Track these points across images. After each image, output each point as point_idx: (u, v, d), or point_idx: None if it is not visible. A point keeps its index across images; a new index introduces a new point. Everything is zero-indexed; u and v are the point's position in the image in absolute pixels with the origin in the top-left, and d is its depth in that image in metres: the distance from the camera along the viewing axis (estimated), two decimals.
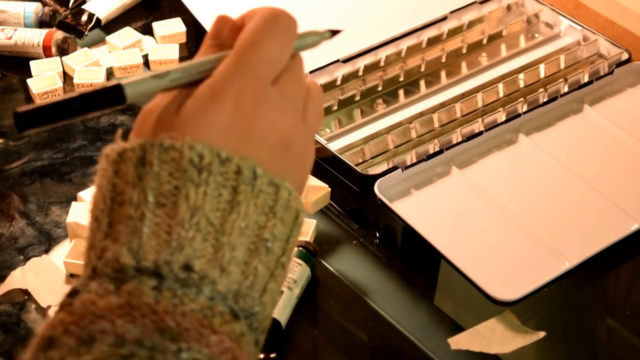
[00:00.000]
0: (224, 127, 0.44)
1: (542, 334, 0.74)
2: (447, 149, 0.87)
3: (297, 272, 0.77)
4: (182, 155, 0.43)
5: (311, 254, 0.79)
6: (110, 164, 0.44)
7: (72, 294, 0.42)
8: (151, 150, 0.43)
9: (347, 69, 0.98)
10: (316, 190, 0.84)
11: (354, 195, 0.86)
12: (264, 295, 0.44)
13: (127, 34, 1.05)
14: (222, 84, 0.45)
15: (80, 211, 0.81)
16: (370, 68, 0.98)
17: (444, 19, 1.04)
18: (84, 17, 1.07)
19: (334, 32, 0.55)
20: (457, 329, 0.75)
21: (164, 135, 0.44)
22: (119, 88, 0.45)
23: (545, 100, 0.93)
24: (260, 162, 0.44)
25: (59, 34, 1.03)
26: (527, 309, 0.76)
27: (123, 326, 0.40)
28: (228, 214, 0.43)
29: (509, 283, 0.76)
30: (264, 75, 0.46)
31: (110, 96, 0.45)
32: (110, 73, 1.01)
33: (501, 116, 0.91)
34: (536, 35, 1.04)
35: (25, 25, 1.06)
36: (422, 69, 0.98)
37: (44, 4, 1.09)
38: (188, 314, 0.41)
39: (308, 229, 0.82)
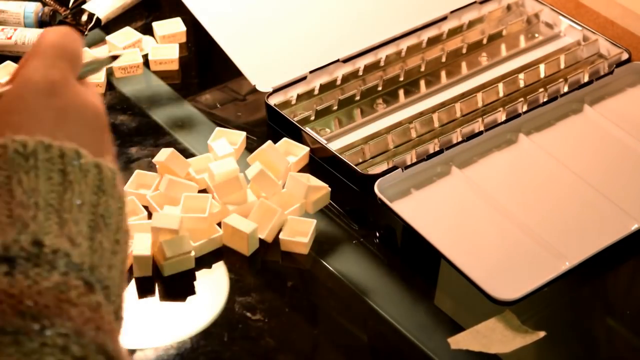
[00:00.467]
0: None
1: (542, 334, 0.74)
2: (447, 148, 0.87)
3: None
4: (7, 147, 0.45)
5: None
6: None
7: None
8: None
9: (347, 68, 0.98)
10: (316, 190, 0.84)
11: (354, 195, 0.86)
12: (111, 270, 0.46)
13: (127, 34, 1.05)
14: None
15: None
16: (370, 68, 0.98)
17: (444, 19, 1.04)
18: (84, 17, 1.07)
19: (114, 58, 0.59)
20: (457, 329, 0.75)
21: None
22: None
23: (545, 100, 0.93)
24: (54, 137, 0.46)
25: None
26: (527, 309, 0.76)
27: None
28: (63, 193, 0.45)
29: (509, 283, 0.76)
30: (33, 84, 0.49)
31: None
32: (110, 73, 1.01)
33: (501, 116, 0.91)
34: (536, 35, 1.04)
35: (25, 25, 1.06)
36: (422, 69, 0.98)
37: (44, 4, 1.09)
38: (44, 291, 0.42)
39: (308, 229, 0.82)
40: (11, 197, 0.44)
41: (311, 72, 0.96)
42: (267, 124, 0.94)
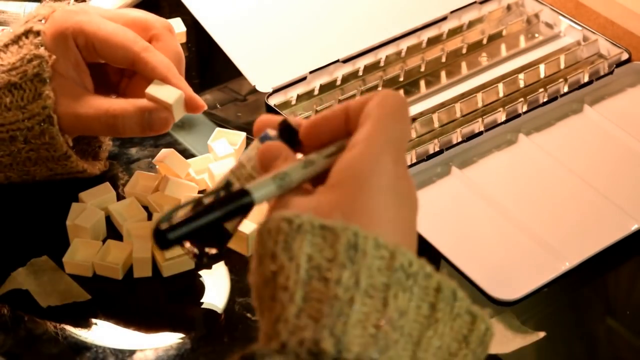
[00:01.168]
0: (380, 212, 0.43)
1: (542, 334, 0.74)
2: (447, 149, 0.87)
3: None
4: (394, 257, 0.41)
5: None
6: (301, 234, 0.42)
7: (248, 357, 0.39)
8: (365, 240, 0.41)
9: (347, 69, 0.98)
10: None
11: None
12: None
13: None
14: (363, 170, 0.45)
15: (80, 212, 0.81)
16: (370, 68, 0.98)
17: (444, 19, 1.04)
18: None
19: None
20: None
21: (376, 231, 0.42)
22: (246, 195, 0.47)
23: (545, 100, 0.93)
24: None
25: None
26: (527, 309, 0.76)
27: None
28: (425, 329, 0.41)
29: (509, 283, 0.76)
30: (398, 156, 0.46)
31: (240, 204, 0.48)
32: None
33: (501, 116, 0.91)
34: (536, 35, 1.04)
35: None
36: (422, 69, 0.98)
37: None
38: None
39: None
40: (384, 309, 0.40)
41: (311, 72, 0.96)
42: None
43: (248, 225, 0.80)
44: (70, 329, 0.76)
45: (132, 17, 0.81)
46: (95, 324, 0.76)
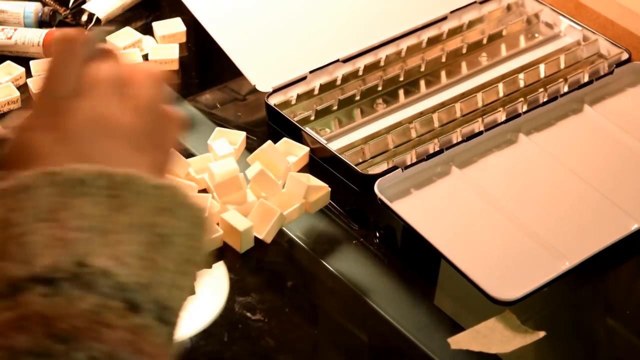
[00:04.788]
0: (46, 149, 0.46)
1: (542, 334, 0.74)
2: (447, 148, 0.87)
3: None
4: (62, 173, 0.44)
5: None
6: None
7: None
8: (28, 177, 0.44)
9: (347, 68, 0.98)
10: (316, 190, 0.84)
11: (354, 195, 0.86)
12: (173, 290, 0.45)
13: (127, 34, 1.05)
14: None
15: None
16: (370, 68, 0.98)
17: (444, 19, 1.04)
18: (84, 17, 1.07)
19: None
20: (457, 328, 0.75)
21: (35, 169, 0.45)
22: None
23: (545, 100, 0.93)
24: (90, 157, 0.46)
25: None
26: (527, 309, 0.76)
27: (15, 338, 0.40)
28: (114, 215, 0.44)
29: (509, 283, 0.76)
30: (57, 90, 0.50)
31: None
32: None
33: (501, 116, 0.91)
34: (536, 35, 1.04)
35: (25, 25, 1.06)
36: (422, 69, 0.98)
37: (44, 4, 1.09)
38: (79, 314, 0.41)
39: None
40: (61, 222, 0.43)
41: (311, 72, 0.96)
42: (267, 124, 0.94)
43: (242, 222, 0.80)
44: None
45: None
46: None
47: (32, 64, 1.00)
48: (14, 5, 1.07)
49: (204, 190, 0.85)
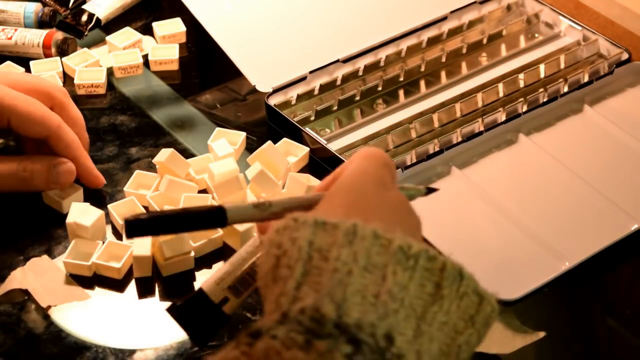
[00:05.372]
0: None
1: (542, 334, 0.74)
2: (447, 149, 0.87)
3: None
4: (392, 241, 0.44)
5: None
6: (305, 227, 0.45)
7: (255, 334, 0.40)
8: (363, 228, 0.44)
9: (347, 69, 0.98)
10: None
11: None
12: None
13: (127, 34, 1.05)
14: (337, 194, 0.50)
15: (80, 211, 0.81)
16: (370, 68, 0.98)
17: (444, 19, 1.04)
18: (84, 17, 1.07)
19: (430, 190, 0.60)
20: None
21: (374, 223, 0.45)
22: (222, 212, 0.50)
23: (545, 100, 0.93)
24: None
25: (59, 35, 1.03)
26: (527, 309, 0.76)
27: None
28: (430, 305, 0.43)
29: (509, 283, 0.76)
30: (371, 185, 0.50)
31: (214, 219, 0.51)
32: (110, 73, 1.01)
33: (501, 116, 0.91)
34: (536, 35, 1.04)
35: (25, 25, 1.06)
36: (422, 69, 0.98)
37: (44, 4, 1.09)
38: None
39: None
40: (382, 281, 0.42)
41: (311, 72, 0.96)
42: (267, 124, 0.94)
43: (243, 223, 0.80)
44: (70, 329, 0.76)
45: (33, 85, 0.83)
46: (95, 324, 0.76)
47: (32, 64, 1.00)
48: (14, 5, 1.07)
49: (204, 191, 0.85)
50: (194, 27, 1.05)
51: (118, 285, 0.79)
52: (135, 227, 0.50)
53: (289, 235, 0.45)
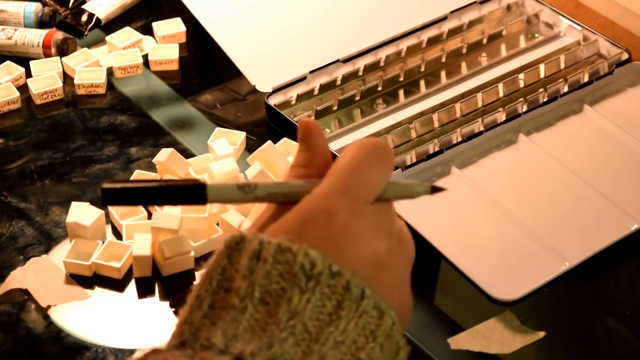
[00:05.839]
0: (317, 238, 0.45)
1: (542, 334, 0.74)
2: (447, 149, 0.87)
3: None
4: (296, 259, 0.44)
5: None
6: (225, 249, 0.45)
7: (154, 351, 0.43)
8: (268, 247, 0.44)
9: (347, 69, 0.98)
10: None
11: None
12: None
13: (127, 34, 1.05)
14: (320, 202, 0.47)
15: (80, 211, 0.81)
16: (370, 68, 0.98)
17: (444, 19, 1.04)
18: (84, 17, 1.07)
19: (436, 189, 0.57)
20: (457, 329, 0.75)
21: (282, 236, 0.45)
22: (203, 189, 0.48)
23: (545, 100, 0.93)
24: (357, 275, 0.45)
25: (59, 35, 1.03)
26: (527, 309, 0.76)
27: None
28: (327, 325, 0.43)
29: (509, 283, 0.76)
30: (359, 195, 0.48)
31: (193, 194, 0.48)
32: (110, 73, 1.01)
33: (501, 116, 0.91)
34: (536, 35, 1.04)
35: (25, 25, 1.06)
36: (422, 69, 0.98)
37: (44, 4, 1.09)
38: None
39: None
40: (274, 312, 0.43)
41: (311, 72, 0.96)
42: (267, 124, 0.94)
43: (236, 218, 0.80)
44: (70, 328, 0.76)
45: None
46: (95, 323, 0.76)
47: (32, 64, 1.00)
48: (14, 5, 1.07)
49: None
50: (194, 27, 1.05)
51: (118, 285, 0.79)
52: (110, 194, 0.47)
53: (212, 258, 0.46)
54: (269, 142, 0.87)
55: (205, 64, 1.06)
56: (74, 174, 0.90)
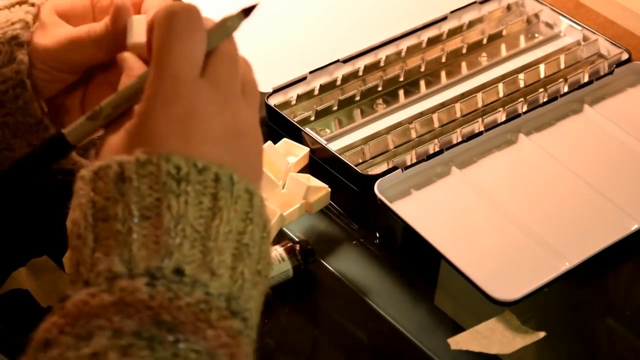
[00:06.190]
0: (162, 134, 0.45)
1: (542, 334, 0.74)
2: (447, 149, 0.87)
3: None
4: (160, 168, 0.44)
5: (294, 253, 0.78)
6: (86, 183, 0.45)
7: (64, 299, 0.43)
8: (128, 165, 0.44)
9: (347, 69, 0.98)
10: (316, 190, 0.84)
11: (354, 196, 0.86)
12: (249, 302, 0.45)
13: None
14: (153, 98, 0.47)
15: None
16: (370, 68, 0.98)
17: (444, 19, 1.04)
18: None
19: (249, 10, 0.57)
20: (457, 329, 0.75)
21: (137, 150, 0.45)
22: (61, 137, 0.49)
23: (545, 100, 0.93)
24: (212, 155, 0.45)
25: None
26: (527, 309, 0.76)
27: (120, 321, 0.40)
28: (211, 220, 0.44)
29: (509, 283, 0.76)
30: (185, 74, 0.47)
31: (57, 147, 0.49)
32: None
33: (501, 116, 0.91)
34: (536, 35, 1.04)
35: None
36: (422, 69, 0.98)
37: None
38: (184, 307, 0.41)
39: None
40: (160, 223, 0.43)
41: (311, 72, 0.96)
42: (267, 124, 0.94)
43: None
44: None
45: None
46: None
47: None
48: None
49: None
50: None
51: None
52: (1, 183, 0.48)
53: (76, 196, 0.46)
54: (269, 142, 0.87)
55: None
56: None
